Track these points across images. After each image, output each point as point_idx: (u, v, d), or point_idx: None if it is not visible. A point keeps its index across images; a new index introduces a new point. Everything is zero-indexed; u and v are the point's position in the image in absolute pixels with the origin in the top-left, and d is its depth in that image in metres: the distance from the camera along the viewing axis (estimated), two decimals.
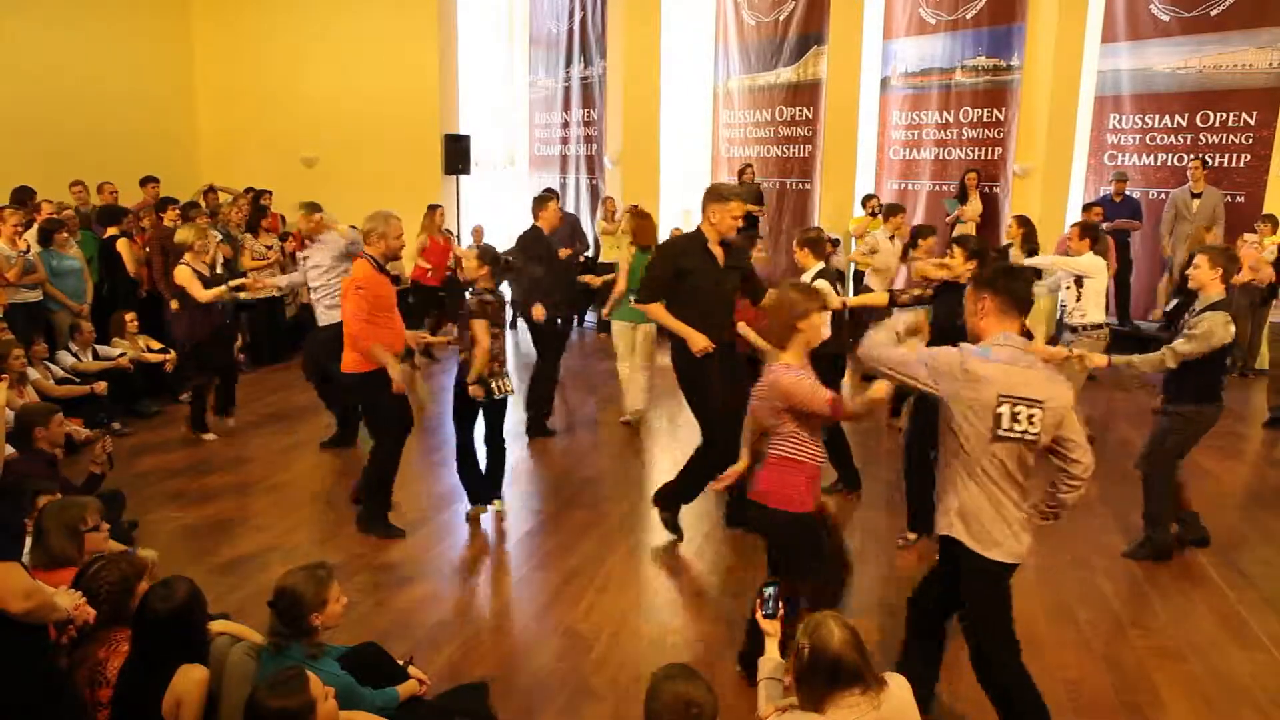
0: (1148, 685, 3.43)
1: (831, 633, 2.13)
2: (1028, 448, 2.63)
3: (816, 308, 3.09)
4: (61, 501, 3.18)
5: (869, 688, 2.12)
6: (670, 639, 3.75)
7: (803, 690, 2.17)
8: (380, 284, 4.61)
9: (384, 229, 4.66)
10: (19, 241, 6.69)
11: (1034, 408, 2.58)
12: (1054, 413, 2.60)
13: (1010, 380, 2.60)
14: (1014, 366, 2.62)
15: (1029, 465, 2.69)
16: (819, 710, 2.12)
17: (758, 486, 3.14)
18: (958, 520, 2.72)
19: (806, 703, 2.16)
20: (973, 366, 2.63)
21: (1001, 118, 9.62)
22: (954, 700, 3.24)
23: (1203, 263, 4.25)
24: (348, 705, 2.54)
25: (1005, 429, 2.60)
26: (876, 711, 2.10)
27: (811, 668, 2.13)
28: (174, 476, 5.59)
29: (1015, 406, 2.59)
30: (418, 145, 11.41)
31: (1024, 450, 2.64)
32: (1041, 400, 2.58)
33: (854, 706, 2.10)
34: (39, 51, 9.17)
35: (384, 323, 4.61)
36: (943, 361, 2.68)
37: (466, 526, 4.97)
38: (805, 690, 2.16)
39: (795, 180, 11.06)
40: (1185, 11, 8.62)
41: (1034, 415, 2.58)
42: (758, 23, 11.10)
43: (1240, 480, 5.80)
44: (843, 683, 2.10)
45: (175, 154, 11.04)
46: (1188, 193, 8.45)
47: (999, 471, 2.66)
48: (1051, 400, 2.59)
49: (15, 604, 2.08)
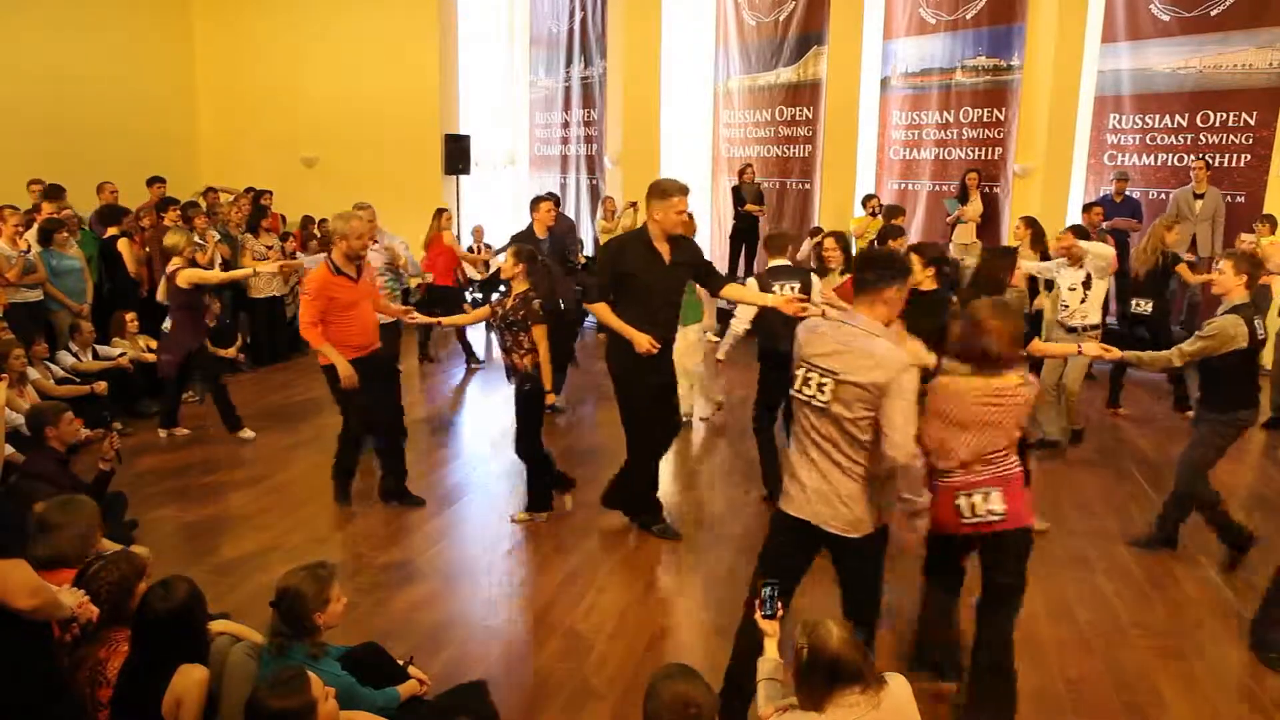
0: (1148, 685, 3.43)
1: (830, 632, 2.15)
2: (818, 414, 2.78)
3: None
4: (71, 499, 3.17)
5: (868, 686, 2.14)
6: (670, 639, 3.75)
7: (802, 690, 2.19)
8: (332, 287, 4.69)
9: (344, 229, 4.72)
10: (19, 241, 6.69)
11: (826, 377, 2.74)
12: (855, 389, 2.68)
13: (816, 348, 2.79)
14: (830, 336, 2.78)
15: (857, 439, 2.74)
16: (819, 709, 2.14)
17: (1009, 509, 2.93)
18: None
19: (806, 702, 2.18)
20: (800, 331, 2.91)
21: (1002, 118, 9.62)
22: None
23: (1227, 269, 4.19)
24: (348, 705, 2.54)
25: (796, 389, 2.84)
26: (876, 711, 2.12)
27: (811, 667, 2.15)
28: (174, 476, 5.59)
29: (809, 372, 2.78)
30: (418, 145, 11.41)
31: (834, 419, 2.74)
32: (836, 372, 2.71)
33: (854, 705, 2.12)
34: (39, 51, 9.18)
35: (343, 322, 4.74)
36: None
37: (466, 526, 4.97)
38: (805, 690, 2.18)
39: (795, 180, 11.06)
40: (1185, 11, 8.62)
41: (825, 384, 2.74)
42: (758, 23, 11.10)
43: (1242, 480, 5.79)
44: (842, 681, 2.13)
45: (175, 154, 11.04)
46: (1190, 193, 8.44)
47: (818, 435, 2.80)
48: (849, 375, 2.68)
49: (22, 600, 2.08)
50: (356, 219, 4.78)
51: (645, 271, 4.35)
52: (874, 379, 2.65)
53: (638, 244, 4.41)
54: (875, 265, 2.85)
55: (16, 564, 2.10)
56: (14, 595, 2.07)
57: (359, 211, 5.01)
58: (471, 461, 6.03)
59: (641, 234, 4.45)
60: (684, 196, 4.32)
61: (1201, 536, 4.80)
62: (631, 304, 4.36)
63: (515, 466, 5.96)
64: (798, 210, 11.01)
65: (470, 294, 11.12)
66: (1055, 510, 5.10)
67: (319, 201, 10.36)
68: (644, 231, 4.44)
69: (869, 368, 2.66)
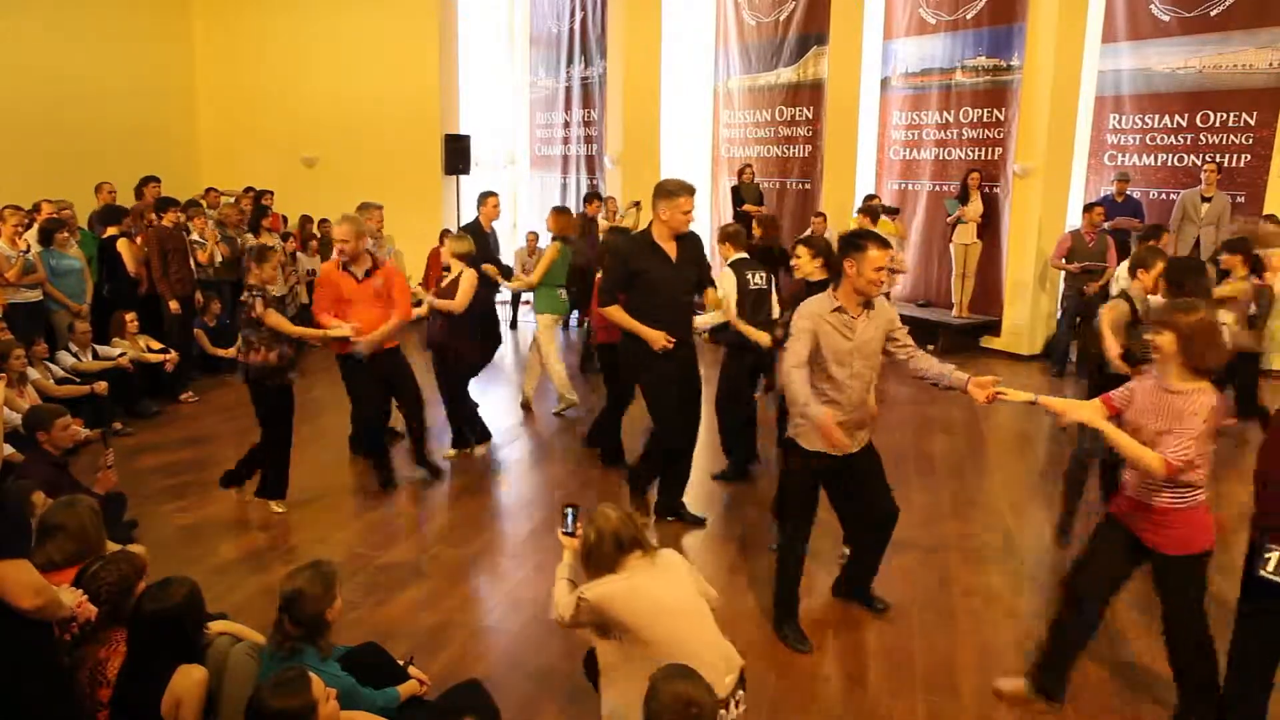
0: (1148, 685, 3.43)
1: (607, 515, 2.73)
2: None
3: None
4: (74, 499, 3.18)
5: (646, 551, 2.72)
6: None
7: (593, 568, 2.71)
8: (333, 278, 5.11)
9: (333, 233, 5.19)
10: (19, 241, 6.69)
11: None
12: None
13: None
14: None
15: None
16: (612, 572, 2.68)
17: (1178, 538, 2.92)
18: None
19: (598, 574, 2.69)
20: None
21: (1002, 118, 9.62)
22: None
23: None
24: (348, 706, 2.54)
25: None
26: (654, 566, 2.70)
27: (598, 543, 2.69)
28: (174, 476, 5.59)
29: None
30: (418, 145, 11.42)
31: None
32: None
33: (638, 564, 2.69)
34: (40, 51, 9.18)
35: (340, 316, 5.08)
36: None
37: (467, 526, 4.97)
38: (595, 566, 2.71)
39: (796, 180, 11.06)
40: (1185, 11, 8.62)
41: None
42: (758, 23, 11.10)
43: (1242, 480, 5.79)
44: (625, 549, 2.68)
45: (175, 154, 11.05)
46: (1198, 195, 8.43)
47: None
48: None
49: (25, 601, 2.08)
50: (341, 224, 5.02)
51: (653, 271, 4.41)
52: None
53: (643, 245, 4.48)
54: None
55: (20, 564, 2.10)
56: (17, 595, 2.07)
57: (352, 214, 5.10)
58: (472, 461, 6.02)
59: (646, 235, 4.51)
60: (690, 196, 4.39)
61: None
62: (640, 304, 4.42)
63: (515, 466, 5.97)
64: (798, 210, 11.01)
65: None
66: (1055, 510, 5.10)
67: (319, 201, 10.38)
68: (648, 232, 4.49)
69: None
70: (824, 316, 3.48)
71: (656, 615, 2.59)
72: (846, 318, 3.47)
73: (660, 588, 2.65)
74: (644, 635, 2.57)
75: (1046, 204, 9.33)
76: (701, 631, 2.64)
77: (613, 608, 2.60)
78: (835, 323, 3.47)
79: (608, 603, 2.60)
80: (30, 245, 6.83)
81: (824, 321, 3.47)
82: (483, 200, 7.02)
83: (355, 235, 4.98)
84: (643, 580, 2.64)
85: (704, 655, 2.52)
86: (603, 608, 2.61)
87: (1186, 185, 8.67)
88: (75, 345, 6.67)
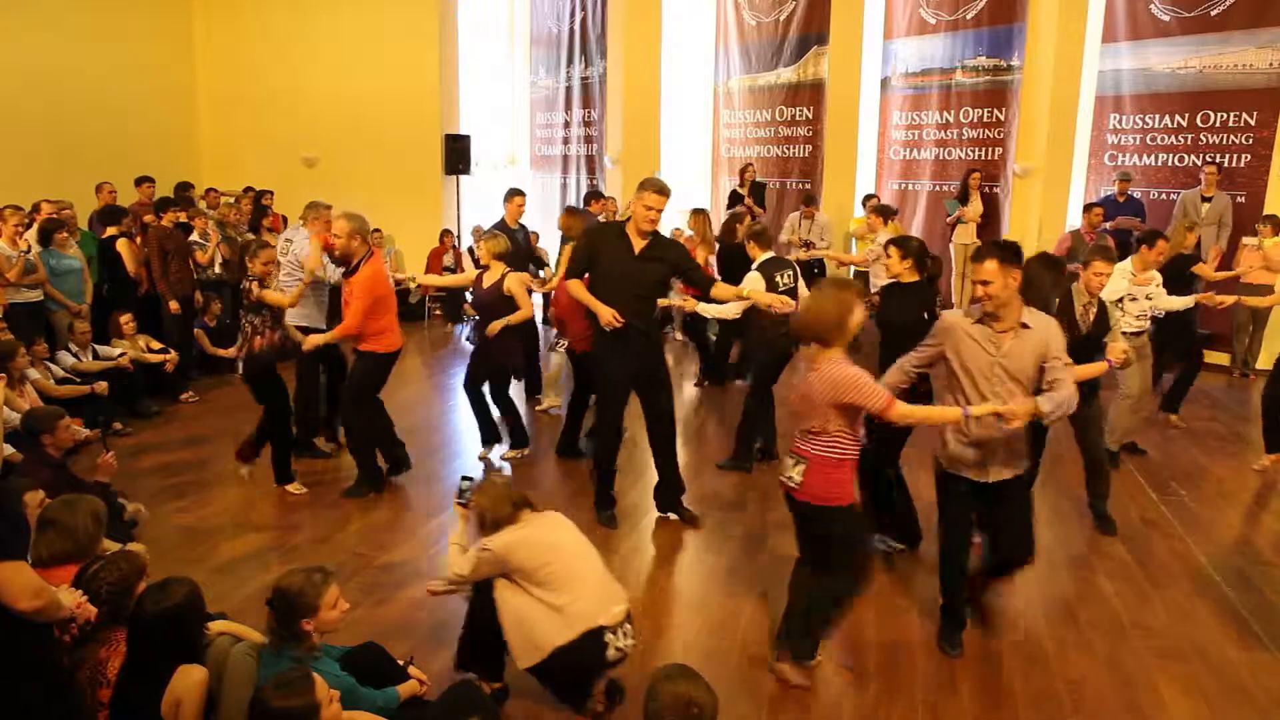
0: (1148, 685, 3.43)
1: (495, 482, 3.23)
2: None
3: (857, 299, 3.20)
4: (73, 496, 3.18)
5: (535, 509, 3.19)
6: (670, 639, 3.75)
7: (490, 527, 3.08)
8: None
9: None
10: (19, 241, 6.69)
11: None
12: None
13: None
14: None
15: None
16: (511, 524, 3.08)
17: (808, 490, 3.21)
18: None
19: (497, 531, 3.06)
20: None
21: (1002, 118, 9.62)
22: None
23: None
24: (349, 706, 2.54)
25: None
26: (544, 519, 3.16)
27: (494, 505, 3.10)
28: (174, 476, 5.59)
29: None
30: (418, 145, 11.42)
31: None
32: None
33: (529, 517, 3.13)
34: (40, 51, 9.17)
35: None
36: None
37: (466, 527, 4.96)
38: (493, 525, 3.08)
39: (796, 180, 11.06)
40: (1185, 11, 8.62)
41: None
42: (758, 23, 11.10)
43: (1242, 480, 5.79)
44: (518, 507, 3.13)
45: (176, 154, 11.04)
46: (1198, 195, 8.43)
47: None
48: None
49: (25, 602, 2.08)
50: (339, 219, 5.05)
51: (609, 259, 4.53)
52: None
53: (611, 232, 4.65)
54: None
55: (18, 566, 2.10)
56: (16, 597, 2.07)
57: (354, 213, 5.13)
58: (472, 461, 6.02)
59: (618, 224, 4.71)
60: (657, 194, 4.46)
61: (1201, 535, 4.81)
62: (594, 285, 4.57)
63: (515, 467, 5.96)
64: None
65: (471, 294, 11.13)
66: (1055, 510, 5.11)
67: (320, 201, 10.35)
68: (621, 222, 4.72)
69: None
70: (966, 329, 3.34)
71: (551, 556, 3.01)
72: (990, 331, 3.31)
73: (551, 534, 3.11)
74: (541, 575, 2.98)
75: (1046, 204, 9.33)
76: (590, 565, 3.10)
77: (515, 554, 3.00)
78: (978, 335, 3.32)
79: (510, 550, 3.00)
80: (30, 245, 6.83)
81: (965, 335, 3.34)
82: (509, 198, 7.15)
83: (348, 234, 4.98)
84: (536, 529, 3.10)
85: (594, 587, 3.02)
86: (505, 555, 3.00)
87: (1186, 185, 8.68)
88: (75, 345, 6.67)
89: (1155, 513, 5.13)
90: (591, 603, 2.97)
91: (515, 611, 3.00)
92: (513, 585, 3.02)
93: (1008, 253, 3.22)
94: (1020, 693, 3.34)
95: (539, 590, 2.98)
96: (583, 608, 2.96)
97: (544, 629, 2.94)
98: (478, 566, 3.03)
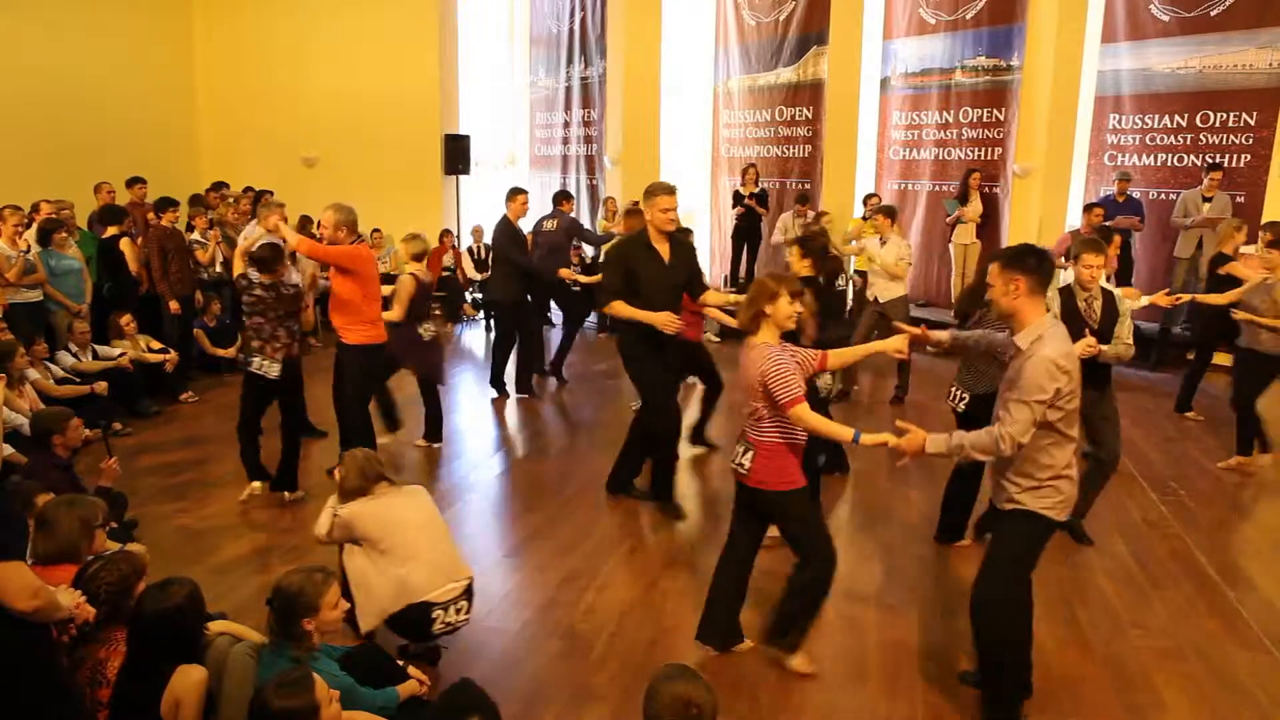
0: (1148, 685, 3.43)
1: (355, 455, 3.47)
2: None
3: (785, 291, 3.27)
4: (71, 497, 3.18)
5: (391, 482, 3.49)
6: (670, 639, 3.75)
7: (346, 496, 3.39)
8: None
9: None
10: (19, 241, 6.69)
11: None
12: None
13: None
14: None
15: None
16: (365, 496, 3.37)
17: (755, 475, 3.31)
18: None
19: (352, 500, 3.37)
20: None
21: (1001, 118, 9.62)
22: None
23: None
24: (349, 706, 2.54)
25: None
26: (400, 493, 3.45)
27: (348, 476, 3.40)
28: (174, 476, 5.59)
29: None
30: (418, 145, 11.42)
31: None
32: None
33: (384, 489, 3.41)
34: (39, 51, 9.18)
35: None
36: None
37: (466, 526, 4.97)
38: (348, 494, 3.38)
39: (796, 180, 11.06)
40: (1185, 11, 8.62)
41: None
42: (758, 23, 11.10)
43: (1242, 480, 5.79)
44: (371, 480, 3.41)
45: (175, 154, 11.05)
46: (1199, 195, 8.42)
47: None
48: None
49: (22, 603, 2.08)
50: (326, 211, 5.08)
51: (645, 269, 4.58)
52: None
53: (639, 245, 4.66)
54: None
55: (17, 567, 2.10)
56: (14, 598, 2.07)
57: (342, 204, 5.10)
58: (472, 461, 6.02)
59: (641, 236, 4.69)
60: (669, 195, 4.55)
61: (1200, 535, 4.81)
62: (637, 301, 4.57)
63: (515, 467, 5.97)
64: None
65: (470, 294, 11.14)
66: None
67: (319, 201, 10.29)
68: (643, 233, 4.67)
69: None
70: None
71: (394, 528, 3.28)
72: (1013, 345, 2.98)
73: (400, 508, 3.36)
74: (383, 545, 3.26)
75: (1046, 204, 9.33)
76: (432, 542, 3.34)
77: (359, 522, 3.29)
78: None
79: (355, 518, 3.30)
80: (30, 245, 6.83)
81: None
82: (511, 196, 7.27)
83: (333, 225, 4.98)
84: (385, 502, 3.36)
85: (429, 563, 3.27)
86: (351, 523, 3.30)
87: (1186, 185, 8.67)
88: (75, 345, 6.67)
89: (1155, 513, 5.13)
90: (425, 578, 3.24)
91: (357, 574, 3.29)
92: (361, 551, 3.31)
93: (1009, 257, 2.94)
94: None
95: (381, 560, 3.26)
96: (416, 582, 3.22)
97: (378, 595, 3.23)
98: (331, 529, 3.38)
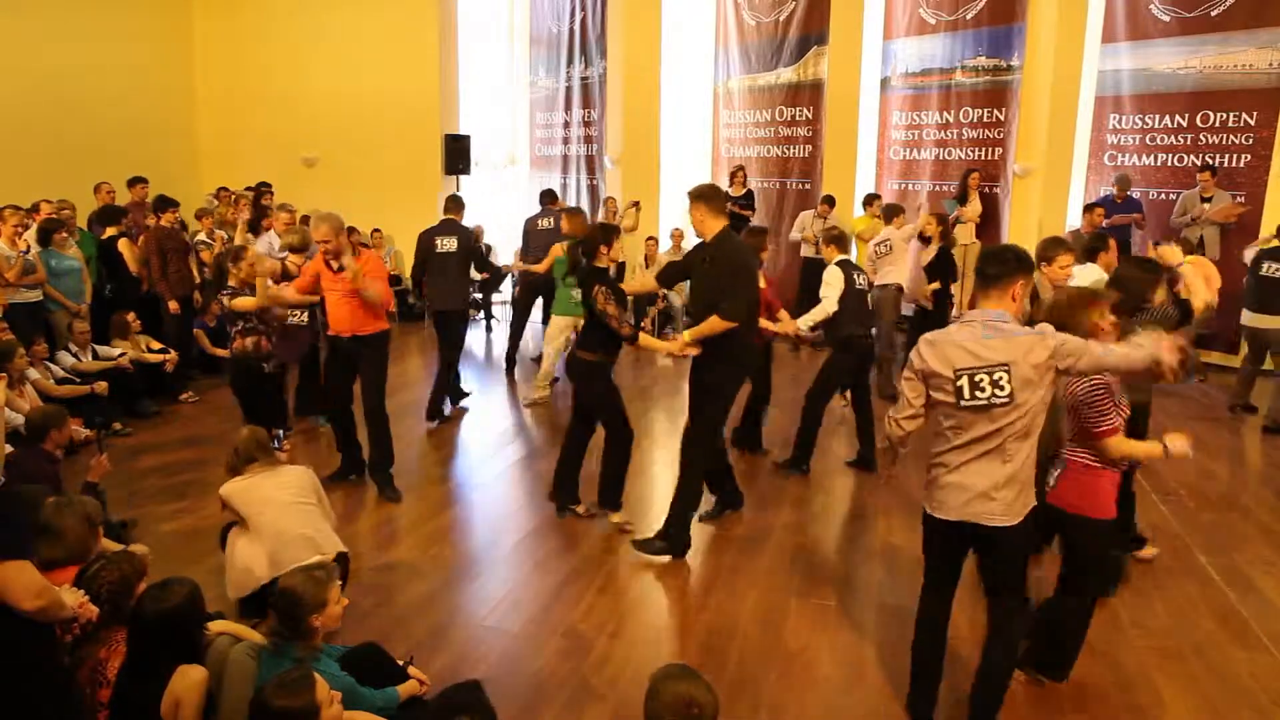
0: (1148, 685, 3.43)
1: (241, 434, 3.86)
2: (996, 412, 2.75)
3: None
4: (67, 498, 3.18)
5: (266, 464, 3.77)
6: (670, 639, 3.75)
7: (230, 473, 3.75)
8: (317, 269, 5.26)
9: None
10: (19, 241, 6.69)
11: (1000, 371, 2.72)
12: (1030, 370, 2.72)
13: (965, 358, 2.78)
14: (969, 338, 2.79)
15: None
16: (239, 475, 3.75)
17: (1065, 495, 3.22)
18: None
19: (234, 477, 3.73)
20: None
21: (1001, 118, 9.62)
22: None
23: None
24: (349, 706, 2.54)
25: (967, 399, 2.76)
26: (274, 473, 3.74)
27: (231, 459, 3.79)
28: (173, 476, 5.59)
29: (976, 376, 2.75)
30: (418, 145, 11.42)
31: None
32: (1008, 363, 2.71)
33: (258, 469, 3.74)
34: (39, 51, 9.17)
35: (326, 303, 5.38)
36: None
37: (466, 526, 4.97)
38: (231, 472, 3.76)
39: (796, 180, 11.06)
40: (1185, 12, 8.62)
41: (1001, 378, 2.72)
42: (758, 23, 11.10)
43: (1242, 480, 5.80)
44: (244, 460, 3.76)
45: (175, 154, 11.04)
46: (1198, 195, 8.42)
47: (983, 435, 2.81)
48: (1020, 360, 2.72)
49: (28, 602, 2.08)
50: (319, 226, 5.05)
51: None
52: (1040, 358, 2.70)
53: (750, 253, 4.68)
54: (997, 260, 2.88)
55: (22, 566, 2.10)
56: (19, 597, 2.07)
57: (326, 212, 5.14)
58: (471, 461, 6.03)
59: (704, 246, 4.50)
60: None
61: (1200, 535, 4.81)
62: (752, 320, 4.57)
63: (515, 466, 5.97)
64: (797, 210, 10.99)
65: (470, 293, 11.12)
66: None
67: (319, 201, 10.32)
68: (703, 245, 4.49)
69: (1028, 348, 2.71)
70: None
71: (262, 508, 3.60)
72: None
73: (269, 489, 3.66)
74: (253, 522, 3.60)
75: (1046, 204, 9.33)
76: (298, 521, 3.61)
77: (232, 499, 3.68)
78: None
79: (228, 495, 3.69)
80: (30, 245, 6.83)
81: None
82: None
83: (335, 233, 5.00)
84: (255, 481, 3.68)
85: (290, 543, 3.51)
86: (226, 498, 3.70)
87: (1187, 185, 8.67)
88: (75, 345, 6.67)
89: (1155, 513, 5.13)
90: (283, 556, 3.47)
91: (231, 547, 3.68)
92: (240, 526, 3.67)
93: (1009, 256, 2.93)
94: (1020, 692, 3.33)
95: (250, 535, 3.60)
96: (277, 559, 3.48)
97: (243, 568, 3.57)
98: (222, 504, 3.75)
